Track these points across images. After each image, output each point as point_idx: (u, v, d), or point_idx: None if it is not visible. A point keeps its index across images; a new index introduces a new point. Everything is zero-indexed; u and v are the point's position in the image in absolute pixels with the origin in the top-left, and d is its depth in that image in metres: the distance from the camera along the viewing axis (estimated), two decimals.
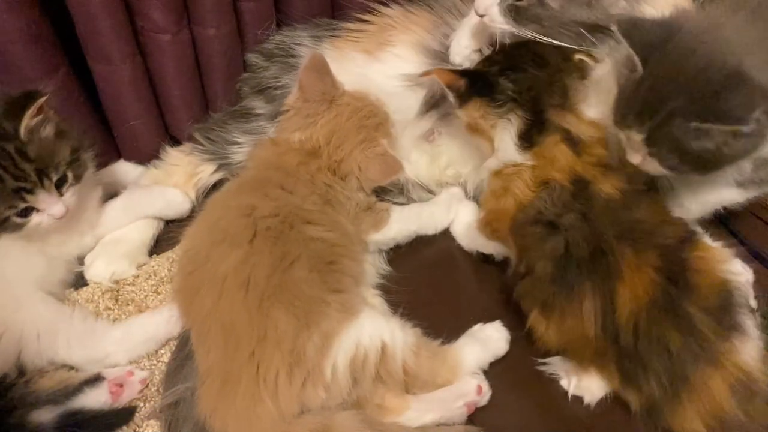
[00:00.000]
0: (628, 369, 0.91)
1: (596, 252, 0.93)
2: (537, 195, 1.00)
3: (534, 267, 0.96)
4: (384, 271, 1.17)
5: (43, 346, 0.99)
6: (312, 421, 0.88)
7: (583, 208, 0.96)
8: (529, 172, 1.02)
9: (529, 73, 1.03)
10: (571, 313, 0.93)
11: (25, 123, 0.97)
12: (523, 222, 1.00)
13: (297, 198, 1.04)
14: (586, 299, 0.91)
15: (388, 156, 1.13)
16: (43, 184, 0.99)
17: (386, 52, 1.26)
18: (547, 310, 0.95)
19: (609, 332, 0.90)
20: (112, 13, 1.12)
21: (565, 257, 0.94)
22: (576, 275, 0.93)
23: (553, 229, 0.96)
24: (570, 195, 0.98)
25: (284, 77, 1.28)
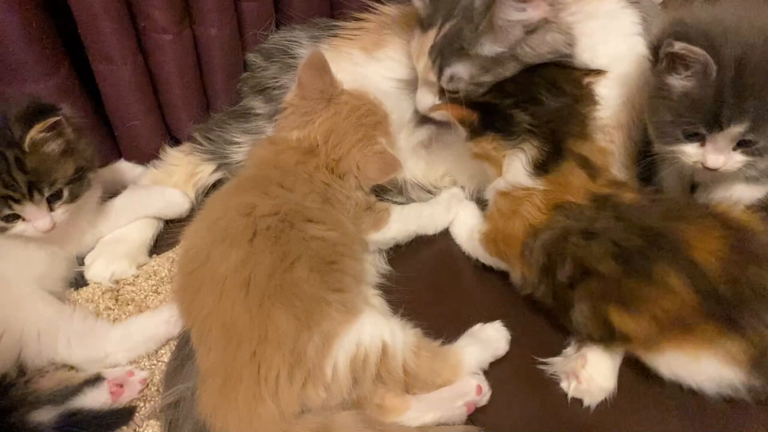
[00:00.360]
0: (736, 317, 0.89)
1: (652, 236, 0.93)
2: (552, 217, 1.00)
3: (596, 270, 0.95)
4: (384, 270, 1.17)
5: (43, 345, 0.99)
6: (312, 420, 0.88)
7: (612, 213, 0.98)
8: (540, 196, 1.02)
9: (547, 105, 1.02)
10: (662, 294, 0.91)
11: (31, 135, 0.97)
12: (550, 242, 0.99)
13: (297, 196, 1.04)
14: (671, 275, 0.91)
15: (387, 154, 1.13)
16: (33, 197, 0.99)
17: (382, 52, 1.27)
18: (632, 303, 0.93)
19: (705, 292, 0.89)
20: (114, 13, 1.12)
21: (622, 252, 0.93)
22: (646, 261, 0.92)
23: (590, 235, 0.96)
24: (593, 209, 0.99)
25: (283, 77, 1.28)
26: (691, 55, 0.90)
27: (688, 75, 0.93)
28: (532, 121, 1.02)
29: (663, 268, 0.91)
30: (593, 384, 0.98)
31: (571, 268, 0.96)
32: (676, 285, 0.90)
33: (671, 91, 0.95)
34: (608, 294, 0.94)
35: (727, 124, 0.91)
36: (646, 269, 0.92)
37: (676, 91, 0.95)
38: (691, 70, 0.92)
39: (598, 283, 0.95)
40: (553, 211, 1.01)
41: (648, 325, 0.92)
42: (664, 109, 0.97)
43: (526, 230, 1.02)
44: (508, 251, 1.06)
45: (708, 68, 0.89)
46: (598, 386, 0.98)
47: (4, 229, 1.01)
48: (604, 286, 0.94)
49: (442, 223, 1.22)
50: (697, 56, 0.90)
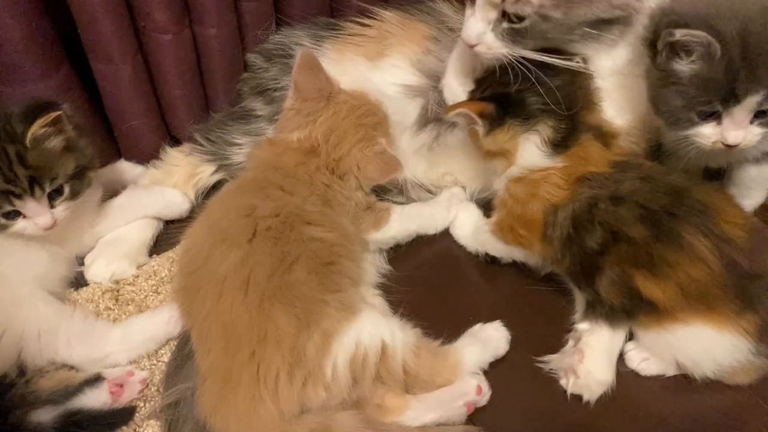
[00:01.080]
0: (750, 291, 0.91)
1: (679, 194, 0.96)
2: (575, 190, 1.01)
3: (626, 235, 0.95)
4: (384, 270, 1.17)
5: (43, 345, 0.99)
6: (312, 420, 0.88)
7: (637, 174, 1.00)
8: (559, 173, 1.02)
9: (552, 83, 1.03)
10: (689, 260, 0.92)
11: (33, 130, 0.97)
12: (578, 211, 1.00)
13: (297, 198, 1.04)
14: (699, 240, 0.92)
15: (387, 154, 1.13)
16: (34, 193, 0.99)
17: (385, 62, 1.28)
18: (659, 269, 0.94)
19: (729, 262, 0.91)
20: (114, 12, 1.12)
21: (650, 215, 0.95)
22: (675, 222, 0.93)
23: (618, 200, 0.97)
24: (617, 173, 1.00)
25: (284, 78, 1.28)
26: (693, 39, 0.90)
27: (692, 60, 0.93)
28: (545, 99, 1.03)
29: (692, 231, 0.92)
30: (591, 378, 0.98)
31: (601, 234, 0.97)
32: (705, 252, 0.91)
33: (679, 77, 0.95)
34: (638, 259, 0.95)
35: (743, 95, 0.91)
36: (676, 232, 0.93)
37: (684, 75, 0.95)
38: (696, 54, 0.92)
39: (628, 247, 0.96)
40: (575, 185, 1.01)
41: (673, 292, 0.93)
42: (674, 96, 0.97)
43: (547, 210, 1.02)
44: (530, 235, 1.06)
45: (712, 48, 0.90)
46: (596, 380, 0.98)
47: (5, 227, 1.01)
48: (634, 251, 0.95)
49: (442, 222, 1.22)
50: (700, 39, 0.90)
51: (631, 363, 1.02)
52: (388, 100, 1.20)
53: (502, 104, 1.05)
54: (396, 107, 1.21)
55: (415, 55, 1.27)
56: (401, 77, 1.26)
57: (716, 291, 0.91)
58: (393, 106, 1.20)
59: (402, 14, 1.33)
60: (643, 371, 1.02)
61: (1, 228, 1.01)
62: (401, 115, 1.23)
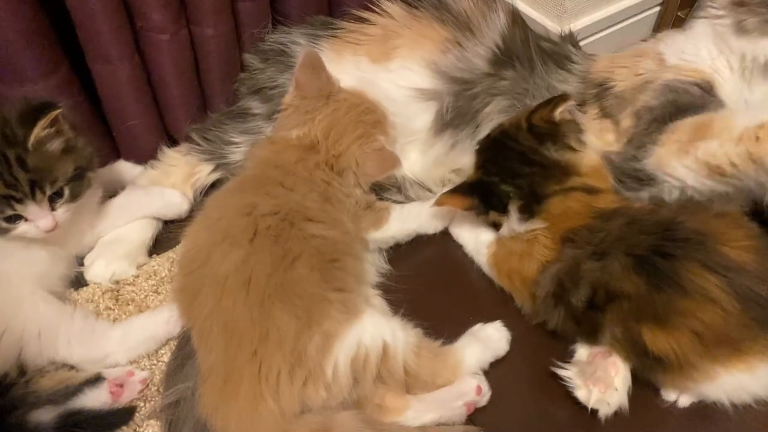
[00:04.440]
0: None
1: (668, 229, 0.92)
2: (560, 250, 1.00)
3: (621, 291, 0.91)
4: (384, 270, 1.17)
5: (44, 345, 0.99)
6: (313, 420, 0.88)
7: (624, 220, 0.97)
8: (543, 233, 1.03)
9: (524, 175, 1.05)
10: (698, 303, 0.87)
11: (36, 133, 0.97)
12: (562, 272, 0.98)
13: (297, 195, 1.04)
14: (704, 278, 0.87)
15: (386, 151, 1.13)
16: (35, 196, 0.99)
17: (395, 63, 1.26)
18: (665, 320, 0.88)
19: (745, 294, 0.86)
20: (111, 13, 1.12)
21: (641, 261, 0.91)
22: (673, 264, 0.89)
23: (602, 255, 0.94)
24: (602, 223, 0.98)
25: (280, 77, 1.28)
26: None
27: None
28: (515, 190, 1.05)
29: (693, 269, 0.87)
30: (615, 396, 0.94)
31: (588, 292, 0.94)
32: (713, 288, 0.86)
33: None
34: (641, 313, 0.90)
35: None
36: (675, 274, 0.88)
37: None
38: None
39: (626, 303, 0.91)
40: (560, 245, 1.00)
41: (689, 343, 0.87)
42: None
43: (539, 269, 1.02)
44: (521, 288, 1.06)
45: None
46: (620, 396, 0.95)
47: (6, 231, 1.01)
48: (634, 305, 0.90)
49: (442, 222, 1.21)
50: None
51: (669, 396, 0.99)
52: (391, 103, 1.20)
53: (484, 195, 1.08)
54: (400, 111, 1.21)
55: (429, 55, 1.25)
56: (412, 80, 1.25)
57: (738, 332, 0.86)
58: (397, 110, 1.20)
59: (410, 10, 1.31)
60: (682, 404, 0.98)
61: (3, 232, 1.01)
62: (406, 118, 1.22)
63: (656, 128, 1.12)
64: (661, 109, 1.14)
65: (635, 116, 1.16)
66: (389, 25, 1.30)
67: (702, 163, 1.04)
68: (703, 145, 1.04)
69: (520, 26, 1.28)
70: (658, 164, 1.10)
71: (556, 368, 0.99)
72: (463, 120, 1.23)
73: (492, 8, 1.28)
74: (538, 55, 1.25)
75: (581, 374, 0.97)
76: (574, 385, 0.97)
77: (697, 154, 1.05)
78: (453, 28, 1.27)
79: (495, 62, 1.24)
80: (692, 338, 0.87)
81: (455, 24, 1.28)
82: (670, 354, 0.89)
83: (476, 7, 1.29)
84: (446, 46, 1.26)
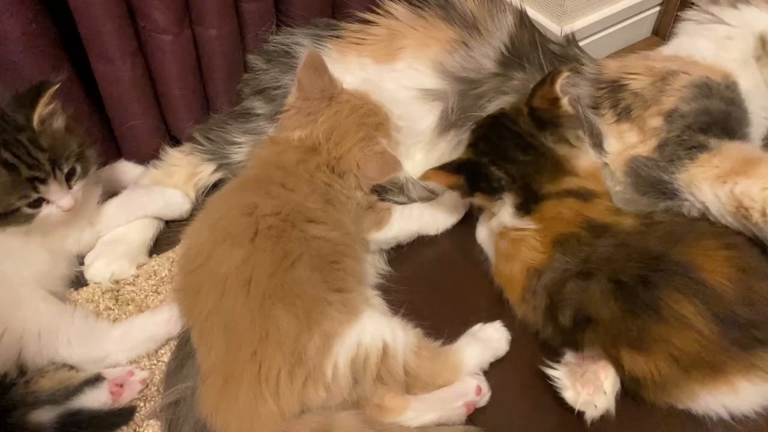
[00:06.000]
0: (761, 337, 0.87)
1: (655, 261, 0.92)
2: (552, 255, 0.99)
3: (597, 315, 0.92)
4: (384, 271, 1.17)
5: (44, 345, 0.99)
6: (313, 420, 0.88)
7: (614, 241, 0.97)
8: (534, 235, 1.02)
9: (517, 161, 1.04)
10: (677, 329, 0.88)
11: (39, 111, 0.98)
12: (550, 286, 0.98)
13: (299, 196, 1.04)
14: (683, 304, 0.88)
15: (387, 154, 1.13)
16: (56, 174, 1.00)
17: (400, 63, 1.26)
18: (642, 345, 0.90)
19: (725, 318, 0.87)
20: (114, 13, 1.12)
21: (623, 288, 0.91)
22: (652, 291, 0.89)
23: (587, 276, 0.94)
24: (593, 236, 0.98)
25: (284, 78, 1.28)
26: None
27: None
28: (507, 177, 1.05)
29: (672, 296, 0.88)
30: (603, 399, 0.94)
31: (571, 315, 0.95)
32: (690, 315, 0.87)
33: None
34: (617, 338, 0.91)
35: None
36: (654, 303, 0.89)
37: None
38: None
39: (603, 328, 0.92)
40: (552, 249, 1.00)
41: (668, 367, 0.89)
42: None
43: (528, 273, 1.02)
44: (510, 293, 1.06)
45: None
46: (607, 400, 0.95)
47: (31, 217, 1.02)
48: (611, 330, 0.92)
49: (444, 223, 1.22)
50: None
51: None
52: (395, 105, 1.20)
53: (471, 175, 1.07)
54: (405, 112, 1.21)
55: (435, 55, 1.25)
56: (418, 80, 1.25)
57: (716, 355, 0.87)
58: (401, 111, 1.20)
59: (415, 11, 1.31)
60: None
61: (27, 219, 1.02)
62: (411, 120, 1.22)
63: (690, 138, 1.10)
64: (695, 117, 1.12)
65: (665, 119, 1.14)
66: (394, 26, 1.30)
67: (734, 199, 1.01)
68: (744, 182, 1.01)
69: (528, 28, 1.28)
70: (689, 182, 1.07)
71: (545, 368, 0.98)
72: (468, 119, 1.22)
73: (499, 8, 1.28)
74: (547, 57, 1.25)
75: (570, 375, 0.96)
76: (562, 385, 0.96)
77: (734, 188, 1.01)
78: (459, 28, 1.27)
79: (503, 62, 1.24)
80: (670, 362, 0.89)
81: (462, 24, 1.27)
82: (648, 376, 0.90)
83: (483, 7, 1.29)
84: (452, 46, 1.25)
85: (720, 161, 1.06)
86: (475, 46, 1.25)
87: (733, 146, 1.08)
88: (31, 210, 1.01)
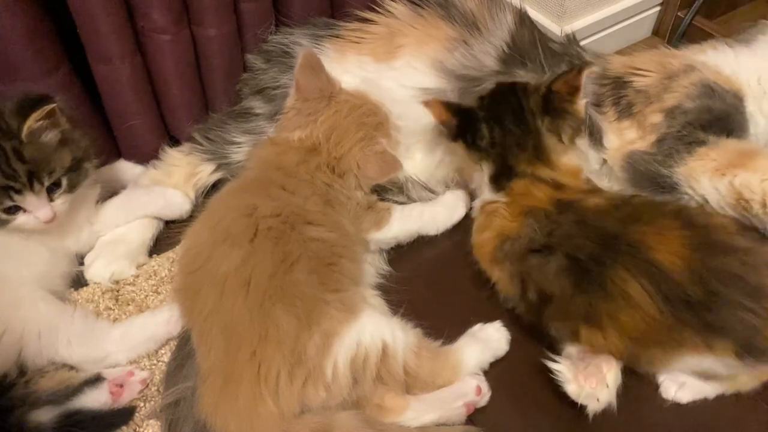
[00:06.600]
0: (712, 320, 0.88)
1: (609, 240, 0.93)
2: (523, 223, 1.01)
3: (551, 292, 0.95)
4: (384, 271, 1.17)
5: (44, 345, 0.99)
6: (312, 420, 0.88)
7: (575, 217, 0.98)
8: (505, 207, 1.04)
9: (505, 129, 1.06)
10: (623, 306, 0.90)
11: (29, 124, 0.98)
12: (518, 253, 1.00)
13: (298, 198, 1.04)
14: (629, 284, 0.90)
15: (387, 154, 1.13)
16: (33, 187, 1.00)
17: (399, 61, 1.26)
18: (595, 320, 0.92)
19: (674, 299, 0.88)
20: (113, 13, 1.12)
21: (577, 265, 0.93)
22: (602, 271, 0.91)
23: (549, 251, 0.96)
24: (557, 213, 1.00)
25: (283, 78, 1.28)
26: None
27: None
28: (489, 140, 1.06)
29: (620, 275, 0.90)
30: (605, 392, 0.94)
31: (535, 291, 0.97)
32: (636, 295, 0.89)
33: None
34: (569, 314, 0.94)
35: None
36: (602, 281, 0.91)
37: None
38: None
39: (559, 304, 0.95)
40: (522, 217, 1.01)
41: (618, 340, 0.92)
42: None
43: (497, 239, 1.03)
44: (481, 258, 1.07)
45: None
46: (609, 394, 0.94)
47: (6, 222, 1.01)
48: (565, 307, 0.94)
49: (444, 223, 1.22)
50: None
51: (668, 394, 1.00)
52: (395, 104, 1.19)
53: (463, 123, 1.08)
54: (405, 111, 1.21)
55: (435, 54, 1.25)
56: (418, 79, 1.24)
57: (666, 335, 0.89)
58: (401, 110, 1.20)
59: (415, 9, 1.31)
60: (681, 400, 1.00)
61: (2, 223, 1.01)
62: (411, 119, 1.21)
63: (690, 133, 1.11)
64: (697, 114, 1.12)
65: (667, 115, 1.14)
66: (393, 24, 1.30)
67: (734, 191, 1.03)
68: (743, 174, 1.02)
69: (528, 27, 1.28)
70: (688, 176, 1.08)
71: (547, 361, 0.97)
72: None
73: (499, 7, 1.28)
74: (548, 56, 1.25)
75: (572, 368, 0.95)
76: (564, 379, 0.95)
77: (733, 180, 1.03)
78: (459, 26, 1.27)
79: (505, 60, 1.24)
80: (624, 339, 0.92)
81: (462, 22, 1.27)
82: (605, 351, 0.94)
83: (482, 6, 1.29)
84: (452, 44, 1.25)
85: (718, 154, 1.07)
86: (476, 44, 1.25)
87: (731, 141, 1.10)
88: (6, 216, 1.01)
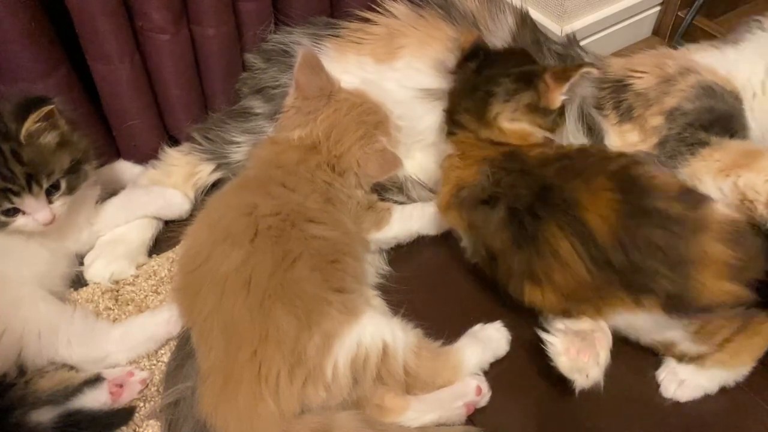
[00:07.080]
0: (635, 282, 0.90)
1: (543, 191, 0.95)
2: (477, 171, 1.03)
3: (495, 247, 0.98)
4: (384, 271, 1.17)
5: (43, 345, 0.99)
6: (312, 420, 0.88)
7: (519, 165, 1.00)
8: (455, 158, 1.07)
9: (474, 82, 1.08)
10: (554, 265, 0.92)
11: (27, 126, 0.97)
12: (470, 201, 1.02)
13: (299, 196, 1.04)
14: (559, 241, 0.92)
15: (387, 152, 1.13)
16: (31, 189, 0.99)
17: (400, 62, 1.26)
18: (534, 277, 0.96)
19: (600, 261, 0.90)
20: (111, 12, 1.12)
21: (514, 215, 0.96)
22: (534, 223, 0.93)
23: (495, 202, 0.99)
24: (506, 161, 1.01)
25: (282, 77, 1.28)
26: None
27: None
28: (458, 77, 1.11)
29: (551, 231, 0.92)
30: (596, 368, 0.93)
31: (483, 246, 1.01)
32: (565, 254, 0.91)
33: None
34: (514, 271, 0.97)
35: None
36: (536, 237, 0.93)
37: None
38: None
39: (502, 261, 0.98)
40: (476, 166, 1.03)
41: (554, 297, 0.94)
42: None
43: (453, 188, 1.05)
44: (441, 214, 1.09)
45: None
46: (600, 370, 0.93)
47: (5, 224, 1.01)
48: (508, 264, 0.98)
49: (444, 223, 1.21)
50: None
51: (667, 392, 1.00)
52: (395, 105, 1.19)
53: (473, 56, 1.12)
54: (405, 112, 1.21)
55: (436, 54, 1.25)
56: (418, 80, 1.24)
57: (592, 293, 0.91)
58: (402, 111, 1.20)
59: (415, 10, 1.31)
60: (680, 398, 1.00)
61: (2, 225, 1.01)
62: (412, 120, 1.22)
63: (692, 135, 1.11)
64: (697, 115, 1.13)
65: (667, 117, 1.15)
66: (394, 25, 1.30)
67: (738, 192, 1.03)
68: (747, 174, 1.03)
69: (530, 28, 1.28)
70: (692, 176, 1.08)
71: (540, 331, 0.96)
72: None
73: (499, 8, 1.28)
74: (549, 57, 1.25)
75: (564, 341, 0.94)
76: (555, 351, 0.94)
77: (738, 181, 1.03)
78: (460, 27, 1.27)
79: None
80: (557, 295, 0.95)
81: (462, 23, 1.27)
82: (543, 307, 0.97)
83: (483, 6, 1.29)
84: (453, 44, 1.25)
85: (721, 155, 1.07)
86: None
87: (735, 142, 1.10)
88: (5, 218, 1.01)
